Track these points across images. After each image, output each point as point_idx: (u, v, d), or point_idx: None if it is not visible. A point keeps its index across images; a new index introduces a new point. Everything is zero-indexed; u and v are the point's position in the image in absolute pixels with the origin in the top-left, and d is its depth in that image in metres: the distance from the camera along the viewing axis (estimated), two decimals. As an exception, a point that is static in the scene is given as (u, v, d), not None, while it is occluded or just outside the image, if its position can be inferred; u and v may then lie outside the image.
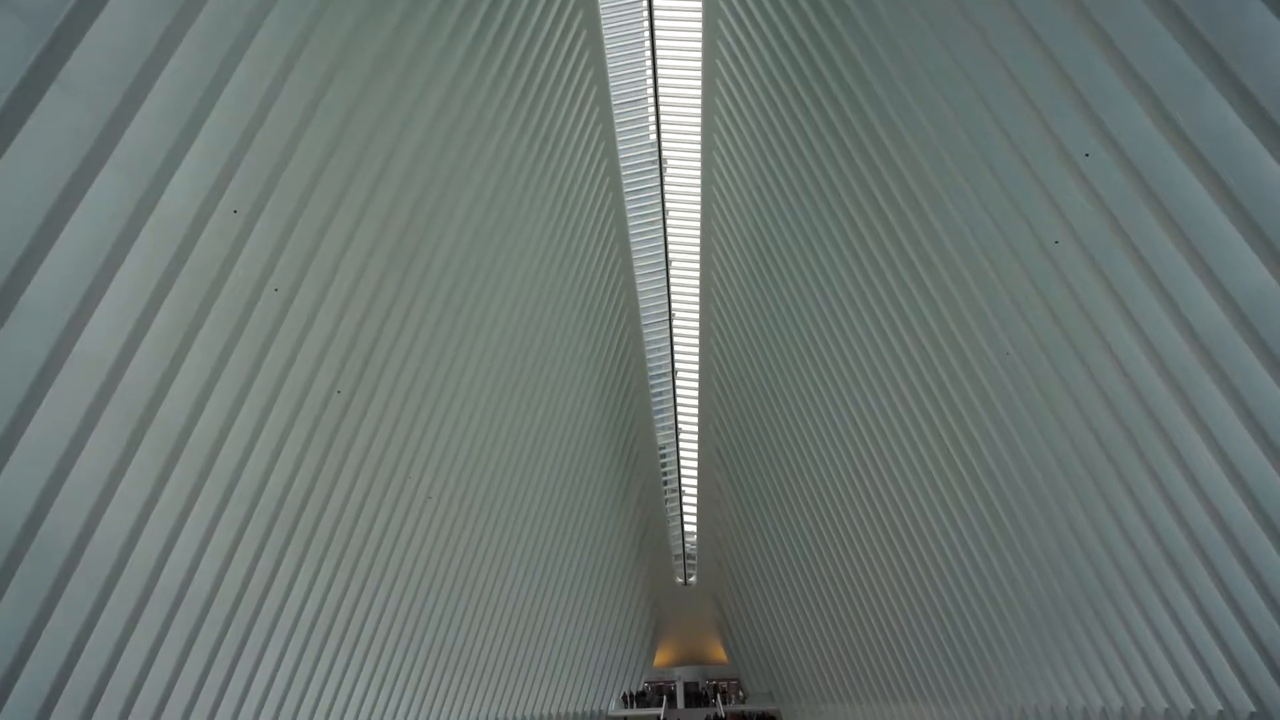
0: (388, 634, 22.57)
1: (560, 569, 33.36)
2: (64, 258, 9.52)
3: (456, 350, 22.06)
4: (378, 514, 20.30)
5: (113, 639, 12.90)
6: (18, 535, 10.15)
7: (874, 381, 24.75)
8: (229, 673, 16.44)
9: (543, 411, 29.29)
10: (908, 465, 24.50)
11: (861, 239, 22.40)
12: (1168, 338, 12.91)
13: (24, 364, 9.57)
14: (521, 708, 33.29)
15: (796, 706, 39.75)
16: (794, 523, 34.49)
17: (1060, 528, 18.54)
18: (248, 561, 15.91)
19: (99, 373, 10.75)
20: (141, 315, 11.11)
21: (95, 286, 9.99)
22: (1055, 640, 20.78)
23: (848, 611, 32.12)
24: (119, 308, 10.77)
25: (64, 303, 9.78)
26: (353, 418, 18.05)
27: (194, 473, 13.52)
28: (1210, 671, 15.20)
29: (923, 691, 28.74)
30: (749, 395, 35.68)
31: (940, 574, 24.94)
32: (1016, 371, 17.76)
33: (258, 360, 14.20)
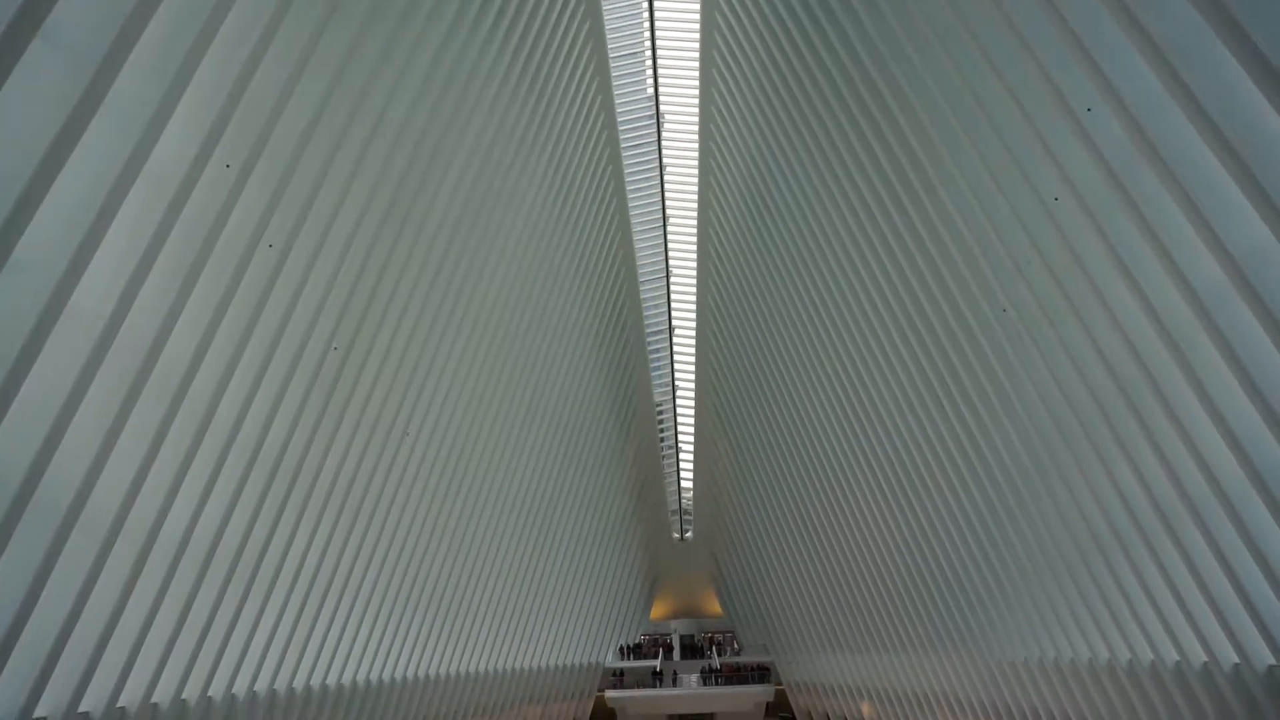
0: (388, 587, 22.84)
1: (558, 524, 33.69)
2: (56, 212, 9.44)
3: (453, 306, 22.01)
4: (376, 468, 20.42)
5: (115, 593, 13.04)
6: (17, 490, 10.21)
7: (871, 338, 24.78)
8: (230, 626, 16.66)
9: (540, 368, 29.33)
10: (904, 422, 24.64)
11: (860, 196, 22.24)
12: (1165, 295, 12.91)
13: (18, 319, 9.54)
14: (520, 659, 33.85)
15: (790, 659, 40.46)
16: (790, 478, 34.78)
17: (1054, 483, 18.71)
18: (247, 516, 16.03)
19: (95, 328, 10.72)
20: (136, 270, 11.04)
21: (88, 241, 9.91)
22: (1049, 593, 21.08)
23: (842, 565, 32.54)
24: (113, 262, 10.71)
25: (57, 257, 9.72)
26: (350, 373, 18.06)
27: (192, 428, 13.56)
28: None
29: (916, 643, 29.25)
30: (746, 352, 35.73)
31: (934, 528, 25.22)
32: (1014, 329, 17.77)
33: (254, 316, 14.15)
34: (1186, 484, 14.55)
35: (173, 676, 15.50)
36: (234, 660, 17.28)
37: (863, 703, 35.63)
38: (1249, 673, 15.32)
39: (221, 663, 16.85)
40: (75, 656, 12.74)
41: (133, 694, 14.62)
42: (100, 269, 10.30)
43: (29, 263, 9.51)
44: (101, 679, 13.59)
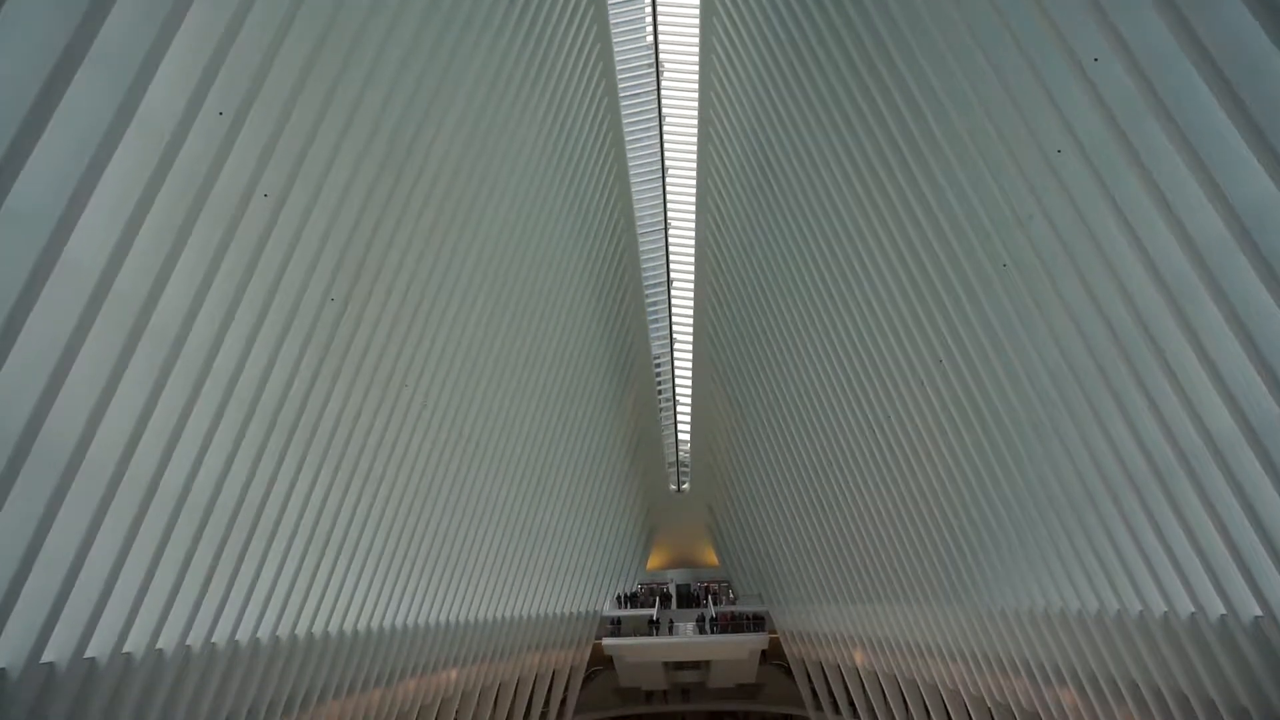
0: (387, 536, 23.09)
1: (556, 476, 33.96)
2: (46, 163, 9.31)
3: (450, 258, 21.89)
4: (375, 420, 20.50)
5: (117, 542, 13.18)
6: (16, 443, 10.24)
7: (870, 292, 24.72)
8: (233, 574, 16.87)
9: (538, 320, 29.30)
10: (899, 374, 24.70)
11: (861, 147, 22.00)
12: (1166, 249, 12.84)
13: (12, 271, 9.48)
14: (519, 608, 34.38)
15: (785, 608, 41.11)
16: (786, 430, 34.98)
17: (1048, 437, 18.82)
18: (247, 467, 16.13)
19: (89, 279, 10.66)
20: (130, 221, 10.94)
21: (80, 191, 9.80)
22: (1040, 544, 21.35)
23: (837, 516, 32.90)
24: (106, 213, 10.60)
25: (49, 208, 9.62)
26: (347, 325, 18.03)
27: (190, 380, 13.56)
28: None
29: (909, 593, 29.69)
30: (744, 304, 35.67)
31: (929, 479, 25.44)
32: (1013, 284, 17.72)
33: (250, 267, 14.07)
34: (1180, 437, 14.63)
35: (176, 624, 15.74)
36: (237, 608, 17.53)
37: (855, 651, 36.32)
38: (1235, 624, 15.58)
39: (225, 610, 17.10)
40: (80, 604, 12.92)
41: (138, 640, 14.86)
42: (93, 220, 10.21)
43: (21, 213, 9.42)
44: (107, 626, 13.80)
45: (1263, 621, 14.99)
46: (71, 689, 13.43)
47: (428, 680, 29.34)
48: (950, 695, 30.59)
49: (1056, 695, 23.78)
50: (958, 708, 30.67)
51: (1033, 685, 24.58)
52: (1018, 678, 25.40)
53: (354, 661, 23.84)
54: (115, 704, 14.65)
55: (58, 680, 12.98)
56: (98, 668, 13.94)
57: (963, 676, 28.76)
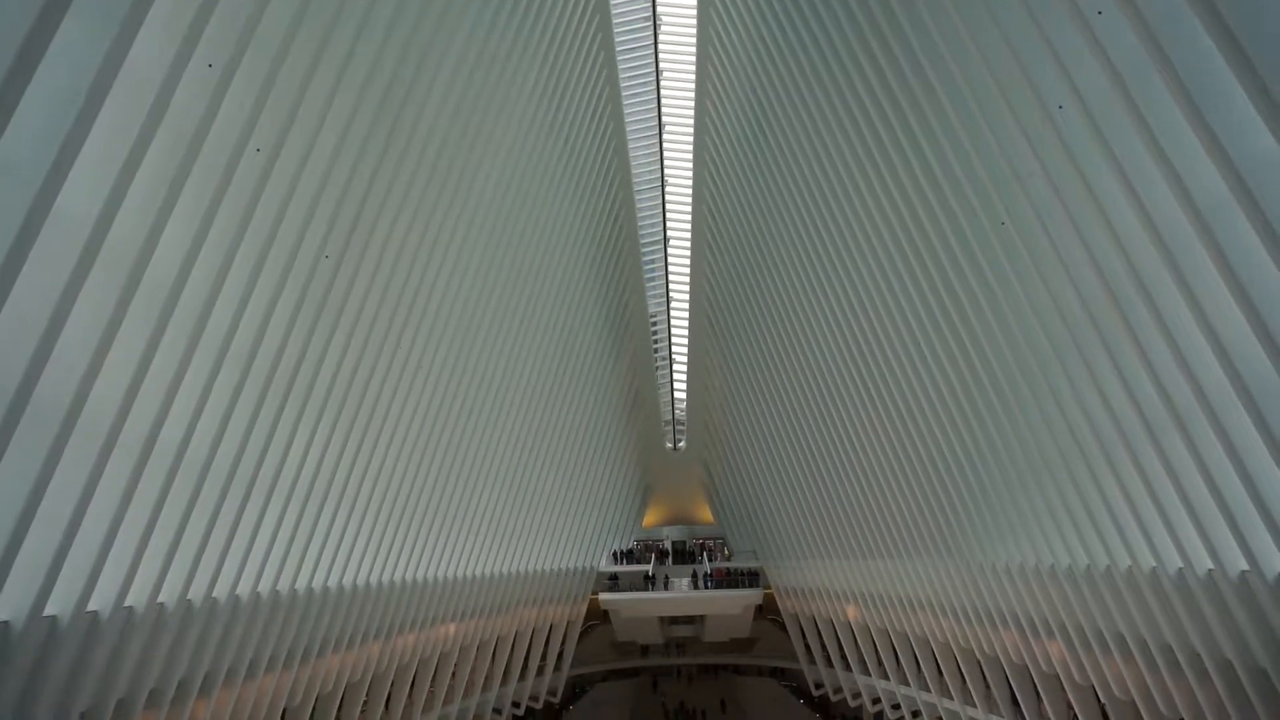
0: (385, 493, 23.23)
1: (553, 434, 34.08)
2: (33, 115, 9.17)
3: (445, 214, 21.72)
4: (371, 376, 20.50)
5: (115, 500, 13.24)
6: (12, 398, 10.23)
7: (867, 249, 24.63)
8: (231, 532, 16.99)
9: (534, 278, 29.17)
10: (895, 331, 24.72)
11: (860, 102, 21.76)
12: (1165, 206, 12.77)
13: (4, 223, 9.38)
14: (517, 564, 34.74)
15: (779, 564, 41.60)
16: (781, 389, 35.09)
17: (1043, 394, 18.91)
18: (244, 423, 16.15)
19: (81, 233, 10.56)
20: (121, 174, 10.81)
21: (70, 144, 9.66)
22: (1032, 501, 21.56)
23: (831, 474, 33.15)
24: (97, 166, 10.47)
25: (38, 161, 9.49)
26: (343, 281, 17.94)
27: (185, 335, 13.52)
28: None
29: (902, 549, 30.05)
30: (741, 262, 35.54)
31: (922, 436, 25.60)
32: (1010, 240, 17.66)
33: (243, 222, 13.95)
34: (1173, 394, 14.70)
35: (177, 578, 15.89)
36: (236, 563, 17.69)
37: (848, 606, 36.86)
38: (1222, 578, 15.82)
39: (224, 565, 17.25)
40: (80, 559, 13.02)
41: (139, 595, 15.01)
42: (84, 172, 10.08)
43: (10, 165, 9.31)
44: (108, 580, 13.92)
45: (1249, 576, 15.22)
46: (74, 642, 13.61)
47: (426, 634, 29.76)
48: (941, 648, 31.13)
49: (1045, 648, 24.23)
50: (948, 660, 31.23)
51: (1021, 638, 25.01)
52: (1007, 631, 25.84)
53: (353, 616, 24.15)
54: (117, 657, 14.85)
55: (60, 633, 13.14)
56: (100, 621, 14.11)
57: (953, 630, 29.24)
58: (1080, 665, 22.58)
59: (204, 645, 17.51)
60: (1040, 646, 24.42)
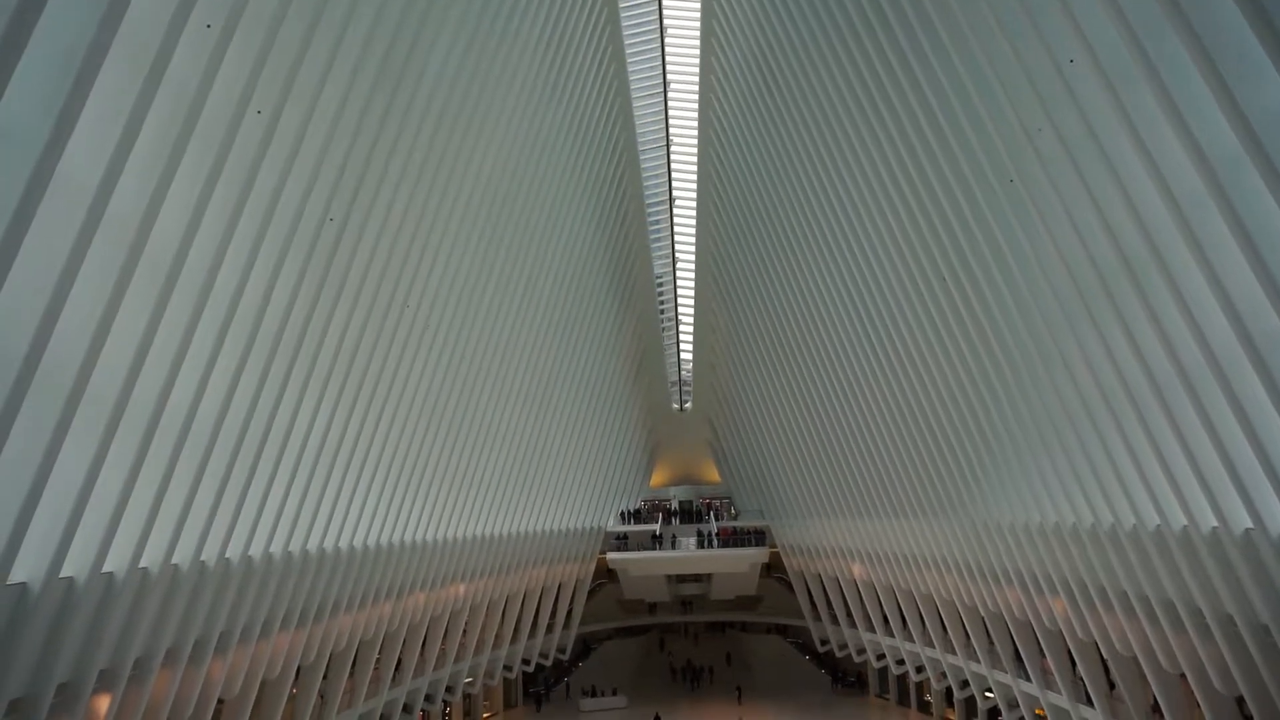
0: (394, 455, 23.40)
1: (560, 395, 34.21)
2: (30, 80, 9.07)
3: (449, 176, 21.59)
4: (378, 339, 20.55)
5: (127, 463, 13.36)
6: (21, 363, 10.27)
7: (874, 208, 24.42)
8: (242, 494, 17.16)
9: (539, 239, 29.06)
10: (902, 292, 24.61)
11: (868, 60, 21.43)
12: (1177, 163, 12.58)
13: (6, 189, 9.35)
14: (526, 524, 35.08)
15: (785, 523, 41.92)
16: (788, 349, 35.06)
17: (1049, 353, 18.85)
18: (253, 386, 16.22)
19: (83, 199, 10.52)
20: (122, 137, 10.73)
21: (69, 107, 9.57)
22: (1037, 460, 21.60)
23: (836, 433, 33.24)
24: (97, 130, 10.39)
25: (38, 125, 9.42)
26: (347, 245, 17.90)
27: (190, 300, 13.54)
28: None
29: (907, 507, 30.22)
30: (747, 222, 35.30)
31: (929, 395, 25.61)
32: (1019, 199, 17.48)
33: (246, 186, 13.88)
34: (1181, 353, 14.63)
35: (190, 540, 16.09)
36: (249, 524, 17.89)
37: (854, 564, 37.20)
38: (1226, 536, 15.87)
39: (237, 527, 17.45)
40: (94, 521, 13.17)
41: (153, 556, 15.22)
42: (84, 137, 10.01)
43: (9, 130, 9.25)
44: (122, 542, 14.11)
45: (1253, 533, 15.28)
46: (91, 602, 13.83)
47: (437, 594, 30.18)
48: (945, 605, 31.44)
49: (1048, 604, 24.45)
50: (952, 617, 31.56)
51: (1025, 595, 25.24)
52: (1011, 588, 26.07)
53: (364, 576, 24.47)
54: (134, 617, 15.11)
55: (77, 594, 13.36)
56: (115, 582, 14.32)
57: (958, 587, 29.51)
58: (1083, 621, 22.80)
59: (218, 605, 17.79)
60: (1044, 603, 24.64)
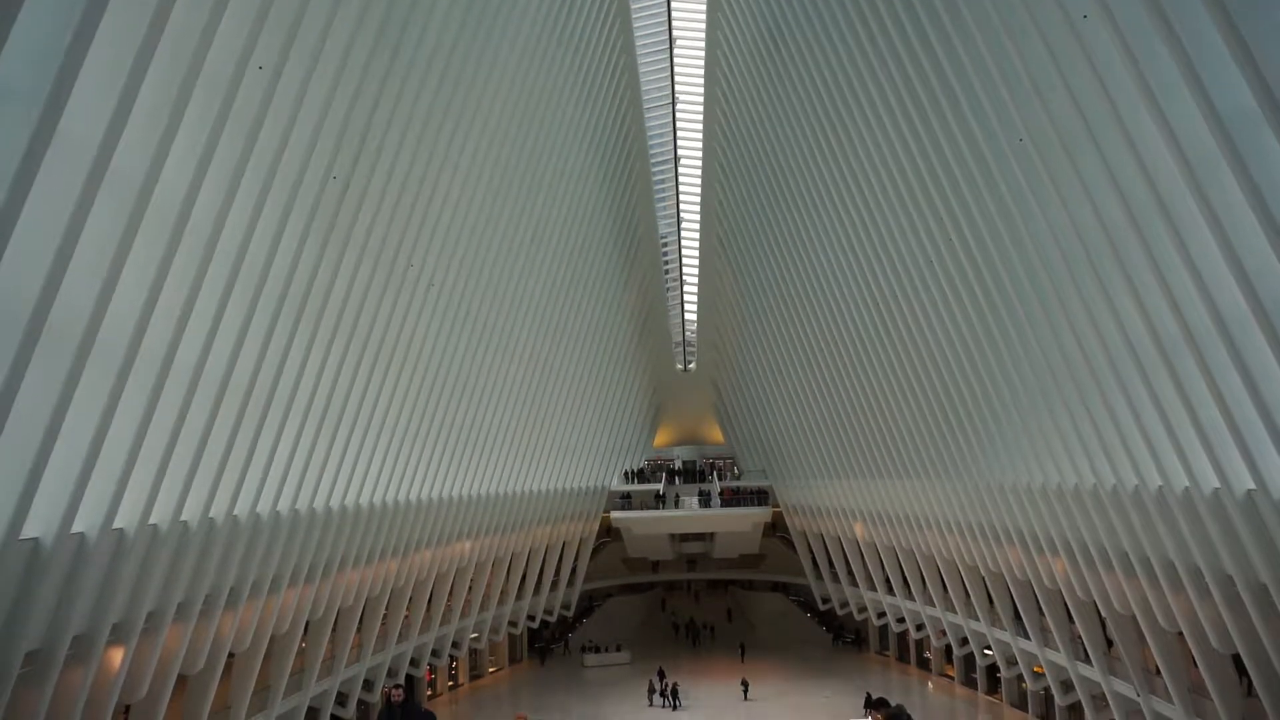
0: (399, 413, 23.52)
1: (564, 355, 34.25)
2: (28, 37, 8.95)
3: (453, 135, 21.39)
4: (383, 298, 20.54)
5: (135, 421, 13.44)
6: (28, 322, 10.28)
7: (881, 167, 24.20)
8: (249, 452, 17.28)
9: (544, 198, 28.87)
10: (909, 252, 24.47)
11: (878, 14, 21.06)
12: (1190, 121, 12.38)
13: (9, 147, 9.28)
14: (531, 483, 35.35)
15: (788, 483, 42.19)
16: (793, 309, 34.99)
17: (1056, 314, 18.78)
18: (258, 345, 16.26)
19: (87, 155, 10.45)
20: (123, 94, 10.62)
21: (69, 62, 9.47)
22: (1041, 421, 21.64)
23: (840, 393, 33.30)
24: (97, 86, 10.28)
25: (39, 81, 9.33)
26: (351, 203, 17.81)
27: (196, 257, 13.51)
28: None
29: (910, 468, 30.38)
30: (753, 181, 35.01)
31: (933, 357, 25.60)
32: (1028, 159, 17.29)
33: (249, 142, 13.78)
34: (1188, 315, 14.56)
35: (199, 497, 16.26)
36: (256, 482, 18.06)
37: (856, 524, 37.51)
38: (1228, 497, 15.96)
39: (244, 484, 17.61)
40: (104, 479, 13.30)
41: (163, 513, 15.39)
42: (85, 93, 9.90)
43: (10, 87, 9.16)
44: (132, 499, 14.26)
45: (1255, 494, 15.35)
46: (103, 557, 14.03)
47: (443, 551, 30.54)
48: (946, 565, 31.76)
49: (1049, 564, 24.68)
50: (953, 576, 31.90)
51: (1026, 555, 25.47)
52: (1012, 548, 26.30)
53: (370, 533, 24.74)
54: (145, 572, 15.32)
55: (89, 549, 13.54)
56: (126, 538, 14.50)
57: (959, 547, 29.77)
58: (1083, 581, 23.03)
59: (228, 561, 18.03)
60: (1045, 563, 24.87)
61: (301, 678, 23.87)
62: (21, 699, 12.89)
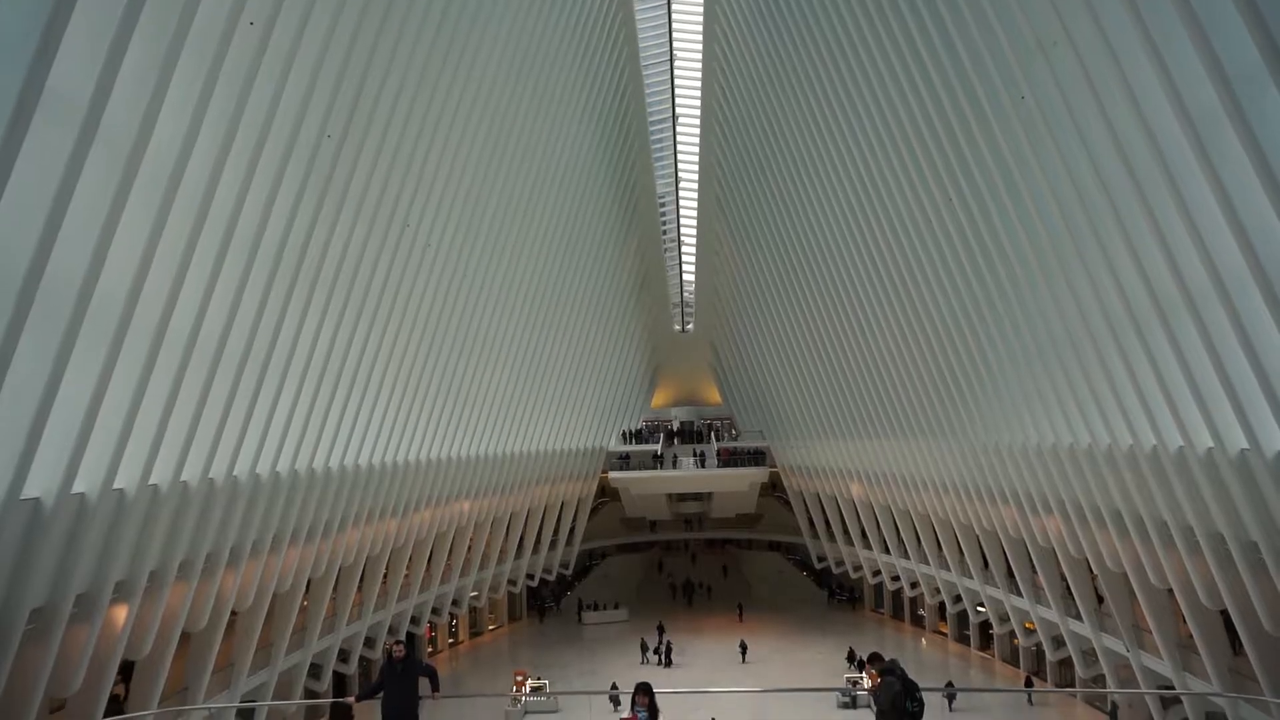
0: (397, 375, 23.52)
1: (562, 316, 34.18)
2: None
3: (448, 92, 21.11)
4: (380, 258, 20.43)
5: (132, 382, 13.42)
6: (22, 283, 10.20)
7: (881, 126, 23.96)
8: (248, 413, 17.29)
9: (540, 156, 28.60)
10: (907, 211, 24.34)
11: (879, -32, 20.71)
12: (1194, 77, 12.23)
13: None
14: (529, 443, 35.49)
15: (785, 444, 42.40)
16: (790, 270, 34.88)
17: (1054, 274, 18.74)
18: (255, 305, 16.19)
19: (77, 113, 10.31)
20: (111, 50, 10.44)
21: (57, 19, 9.30)
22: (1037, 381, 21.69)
23: (837, 354, 33.34)
24: (86, 42, 10.11)
25: (25, 36, 9.17)
26: (346, 161, 17.63)
27: (190, 217, 13.38)
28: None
29: (907, 429, 30.51)
30: (751, 141, 34.67)
31: (930, 319, 25.58)
32: (1029, 115, 17.11)
33: (241, 100, 13.58)
34: (1186, 273, 14.51)
35: (198, 458, 16.31)
36: (255, 442, 18.10)
37: (852, 484, 37.79)
38: (1221, 456, 16.05)
39: (243, 445, 17.66)
40: (103, 439, 13.32)
41: (163, 474, 15.45)
42: (74, 49, 9.73)
43: (-2, 41, 9.02)
44: (131, 460, 14.29)
45: (1248, 454, 15.44)
46: (104, 517, 14.11)
47: (442, 511, 30.77)
48: (941, 524, 32.07)
49: (1043, 524, 24.93)
50: (948, 535, 32.23)
51: (1020, 514, 25.71)
52: (1006, 507, 26.53)
53: (370, 493, 24.89)
54: (146, 532, 15.43)
55: (90, 509, 13.61)
56: (127, 498, 14.58)
57: (954, 507, 30.04)
58: (1076, 539, 23.28)
59: (228, 521, 18.15)
60: (1039, 522, 25.12)
61: (304, 635, 24.20)
62: (29, 654, 13.07)
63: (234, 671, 20.85)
